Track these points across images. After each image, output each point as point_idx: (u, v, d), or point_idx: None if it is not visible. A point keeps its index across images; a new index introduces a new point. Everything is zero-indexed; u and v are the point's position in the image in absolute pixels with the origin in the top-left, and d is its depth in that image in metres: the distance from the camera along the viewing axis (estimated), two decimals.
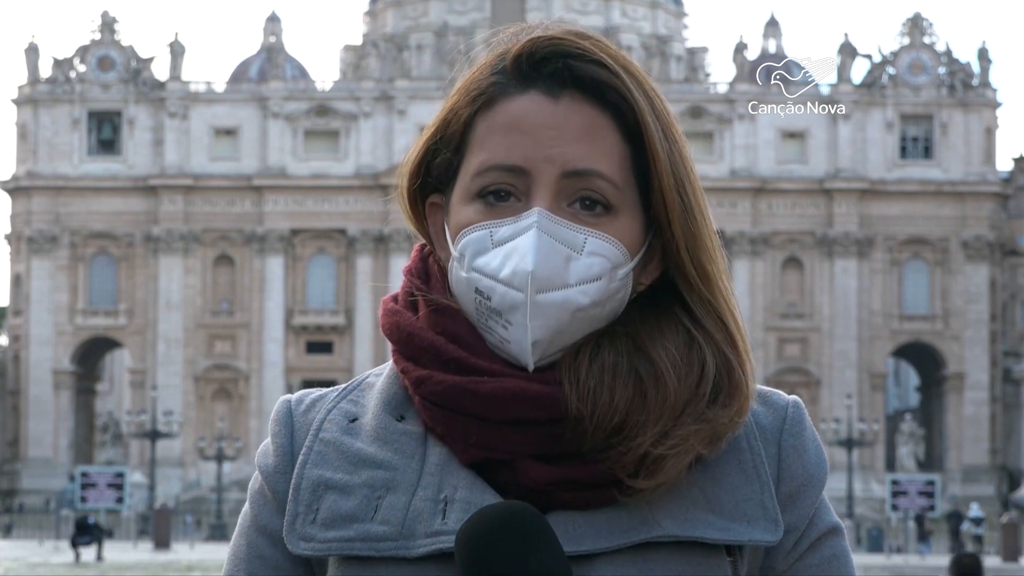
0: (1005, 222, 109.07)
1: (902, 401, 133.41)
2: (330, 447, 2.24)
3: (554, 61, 2.22)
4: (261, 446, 2.34)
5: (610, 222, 2.18)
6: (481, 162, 2.20)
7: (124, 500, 67.64)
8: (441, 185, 2.28)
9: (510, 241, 2.16)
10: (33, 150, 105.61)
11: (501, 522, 2.08)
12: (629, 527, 2.14)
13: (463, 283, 2.20)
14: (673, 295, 2.24)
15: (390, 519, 2.16)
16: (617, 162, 2.19)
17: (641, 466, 2.13)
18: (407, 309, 2.29)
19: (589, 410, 2.14)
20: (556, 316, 2.15)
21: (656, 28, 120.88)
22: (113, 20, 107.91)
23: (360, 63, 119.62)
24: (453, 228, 2.24)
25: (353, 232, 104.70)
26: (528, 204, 2.17)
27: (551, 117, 2.18)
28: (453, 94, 2.28)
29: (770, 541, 2.18)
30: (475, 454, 2.18)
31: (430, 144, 2.28)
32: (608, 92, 2.19)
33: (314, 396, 2.34)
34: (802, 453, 2.25)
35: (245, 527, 2.30)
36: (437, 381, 2.19)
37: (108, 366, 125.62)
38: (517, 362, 2.18)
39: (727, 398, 2.18)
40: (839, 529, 2.27)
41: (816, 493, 2.25)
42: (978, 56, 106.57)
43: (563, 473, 2.15)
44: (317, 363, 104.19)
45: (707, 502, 2.17)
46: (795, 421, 2.27)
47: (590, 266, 2.15)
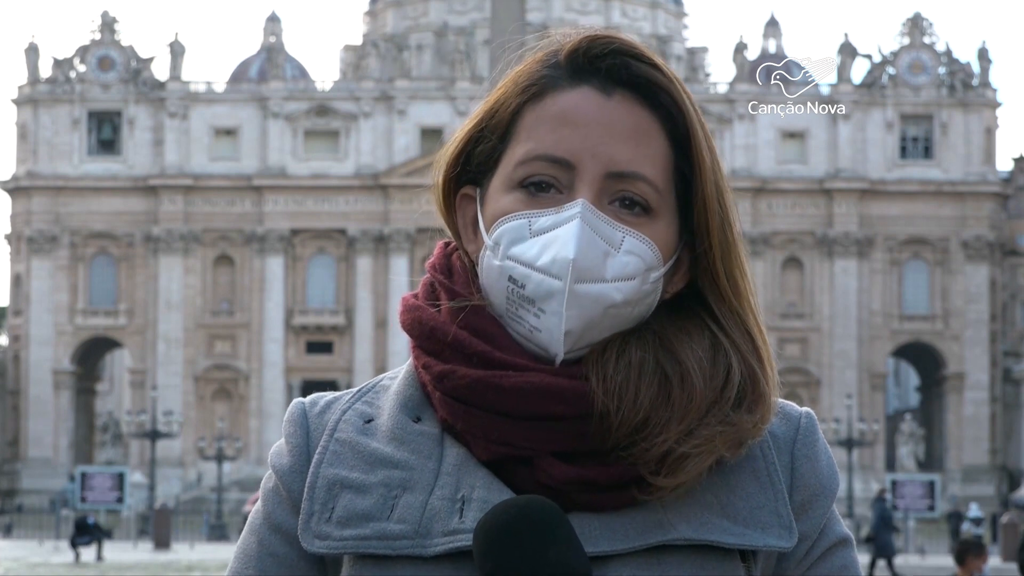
0: (1005, 222, 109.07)
1: (902, 401, 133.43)
2: (346, 446, 2.23)
3: (611, 58, 2.21)
4: (274, 446, 2.32)
5: (648, 224, 2.18)
6: (527, 151, 2.19)
7: (124, 500, 67.59)
8: (479, 175, 2.26)
9: (550, 231, 2.15)
10: (33, 150, 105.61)
11: (519, 515, 2.08)
12: (644, 529, 2.14)
13: (495, 271, 2.18)
14: (699, 305, 2.25)
15: (407, 518, 2.15)
16: (661, 166, 2.19)
17: (663, 463, 2.13)
18: (428, 306, 2.28)
19: (615, 406, 2.13)
20: (590, 309, 2.14)
21: (656, 28, 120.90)
22: (113, 20, 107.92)
23: (360, 63, 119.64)
24: (489, 217, 2.21)
25: (353, 232, 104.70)
26: (570, 196, 2.16)
27: (602, 113, 2.18)
28: (500, 86, 2.25)
29: (784, 547, 2.19)
30: (494, 450, 2.17)
31: (473, 133, 2.26)
32: (661, 95, 2.20)
33: (328, 398, 2.33)
34: (815, 463, 2.26)
35: (257, 525, 2.29)
36: (461, 375, 2.17)
37: (108, 366, 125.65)
38: (545, 353, 2.17)
39: (751, 404, 2.18)
40: (849, 540, 2.28)
41: (828, 503, 2.27)
42: (978, 56, 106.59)
43: (582, 473, 2.14)
44: (317, 363, 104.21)
45: (721, 508, 2.17)
46: (808, 432, 2.28)
47: (626, 264, 2.15)
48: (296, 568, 2.24)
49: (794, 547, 2.21)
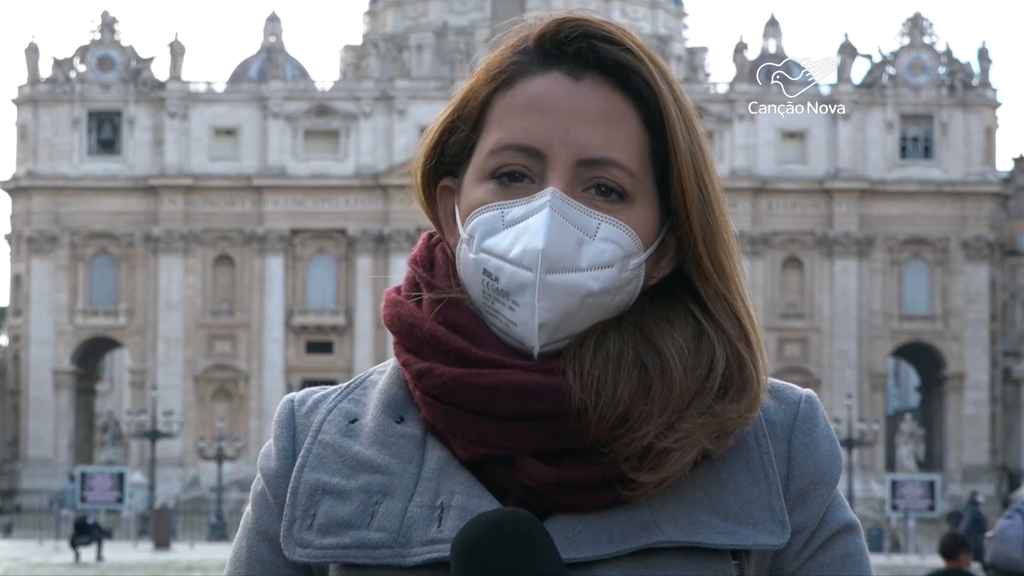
0: (1005, 222, 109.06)
1: (902, 401, 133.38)
2: (328, 449, 2.18)
3: (579, 42, 2.14)
4: (264, 448, 2.26)
5: (625, 210, 2.11)
6: (497, 140, 2.13)
7: (124, 500, 67.58)
8: (454, 166, 2.21)
9: (522, 221, 2.09)
10: (33, 150, 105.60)
11: (496, 530, 2.02)
12: (629, 532, 2.07)
13: (471, 265, 2.13)
14: (686, 291, 2.18)
15: (386, 526, 2.10)
16: (635, 150, 2.12)
17: (645, 459, 2.06)
18: (410, 300, 2.23)
19: (592, 401, 2.07)
20: (565, 299, 2.08)
21: (656, 28, 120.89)
22: (113, 20, 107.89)
23: (360, 63, 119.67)
24: (464, 209, 2.16)
25: (353, 232, 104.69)
26: (542, 187, 2.11)
27: (571, 99, 2.11)
28: (473, 75, 2.20)
29: (776, 545, 2.11)
30: (474, 451, 2.10)
31: (447, 123, 2.21)
32: (632, 77, 2.13)
33: (317, 396, 2.27)
34: (813, 450, 2.18)
35: (247, 529, 2.25)
36: (439, 374, 2.12)
37: (108, 366, 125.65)
38: (522, 346, 2.11)
39: (737, 393, 2.11)
40: (854, 526, 2.20)
41: (828, 490, 2.18)
42: (978, 56, 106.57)
43: (562, 474, 2.08)
44: (317, 363, 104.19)
45: (711, 504, 2.10)
46: (807, 417, 2.20)
47: (602, 252, 2.08)
48: (282, 574, 2.20)
49: (790, 540, 2.13)
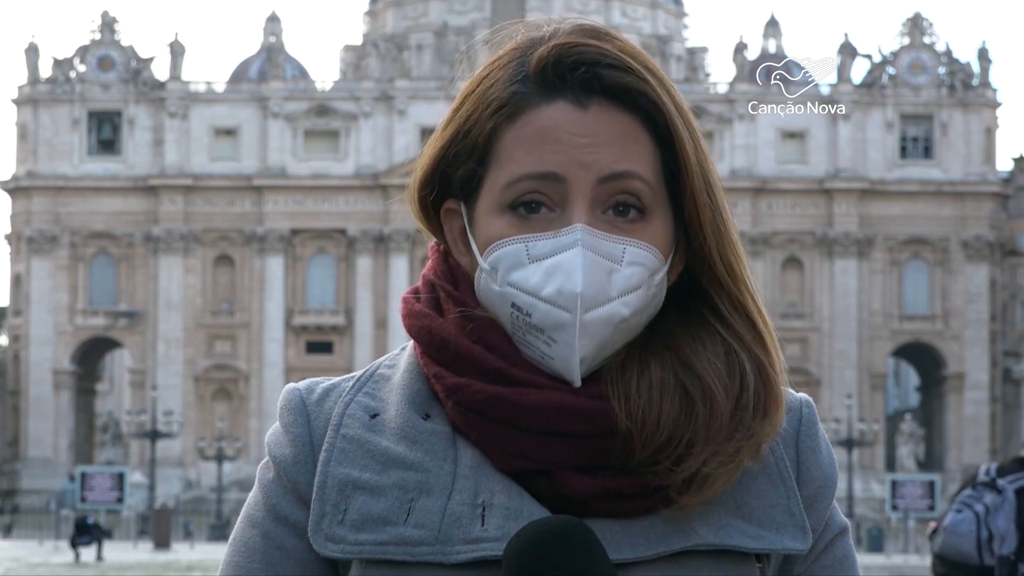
0: (1005, 222, 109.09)
1: (902, 401, 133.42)
2: (354, 444, 2.15)
3: (580, 69, 2.13)
4: (271, 436, 2.22)
5: (644, 227, 2.13)
6: (512, 173, 2.12)
7: (124, 500, 67.63)
8: (462, 196, 2.19)
9: (550, 257, 2.09)
10: (33, 150, 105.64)
11: (554, 538, 2.03)
12: (666, 535, 2.10)
13: (496, 295, 2.13)
14: (697, 293, 2.20)
15: (425, 523, 2.08)
16: (650, 164, 2.14)
17: (691, 484, 2.10)
18: (429, 308, 2.21)
19: (638, 428, 2.10)
20: (601, 331, 2.10)
21: (656, 28, 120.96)
22: (113, 20, 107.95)
23: (360, 63, 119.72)
24: (481, 240, 2.15)
25: (353, 232, 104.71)
26: (563, 214, 2.11)
27: (582, 127, 2.11)
28: (465, 102, 2.19)
29: (800, 550, 2.16)
30: (513, 463, 2.11)
31: (443, 152, 2.19)
32: (638, 98, 2.14)
33: (325, 385, 2.25)
34: (818, 455, 2.23)
35: (258, 518, 2.19)
36: (476, 390, 2.12)
37: (108, 366, 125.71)
38: (560, 377, 2.12)
39: (766, 408, 2.15)
40: (847, 528, 2.26)
41: (831, 495, 2.23)
42: (978, 56, 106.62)
43: (605, 485, 2.10)
44: (317, 363, 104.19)
45: (737, 508, 2.14)
46: (810, 422, 2.24)
47: (630, 276, 2.11)
48: (307, 560, 2.16)
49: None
